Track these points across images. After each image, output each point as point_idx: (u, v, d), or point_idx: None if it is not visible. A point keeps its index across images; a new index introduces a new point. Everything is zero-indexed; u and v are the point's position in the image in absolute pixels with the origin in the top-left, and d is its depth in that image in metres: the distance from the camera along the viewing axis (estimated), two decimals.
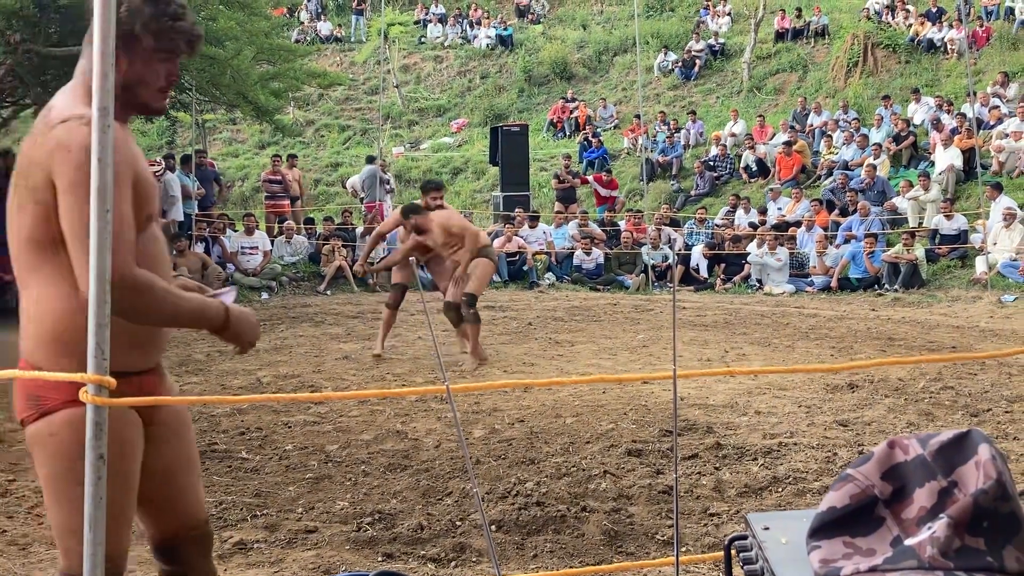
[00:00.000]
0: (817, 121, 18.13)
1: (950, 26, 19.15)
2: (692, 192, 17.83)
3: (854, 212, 14.42)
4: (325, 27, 27.03)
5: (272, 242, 15.01)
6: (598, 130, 20.81)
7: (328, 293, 14.03)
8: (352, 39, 26.97)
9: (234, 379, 7.77)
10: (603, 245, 15.25)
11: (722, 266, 14.42)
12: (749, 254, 14.06)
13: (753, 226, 15.18)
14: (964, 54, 15.89)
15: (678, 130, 19.43)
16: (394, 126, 23.98)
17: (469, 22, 26.67)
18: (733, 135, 18.70)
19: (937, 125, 15.75)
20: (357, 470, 5.14)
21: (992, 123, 15.86)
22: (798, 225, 14.69)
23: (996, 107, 16.17)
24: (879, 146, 16.24)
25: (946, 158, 14.92)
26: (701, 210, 16.35)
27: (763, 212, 15.76)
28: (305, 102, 24.39)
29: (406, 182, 20.19)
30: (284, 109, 19.57)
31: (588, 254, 14.76)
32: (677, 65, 22.51)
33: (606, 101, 22.28)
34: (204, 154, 17.41)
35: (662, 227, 15.27)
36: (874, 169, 15.33)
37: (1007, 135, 15.11)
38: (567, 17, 27.10)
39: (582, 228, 15.49)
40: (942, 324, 10.39)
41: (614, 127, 21.49)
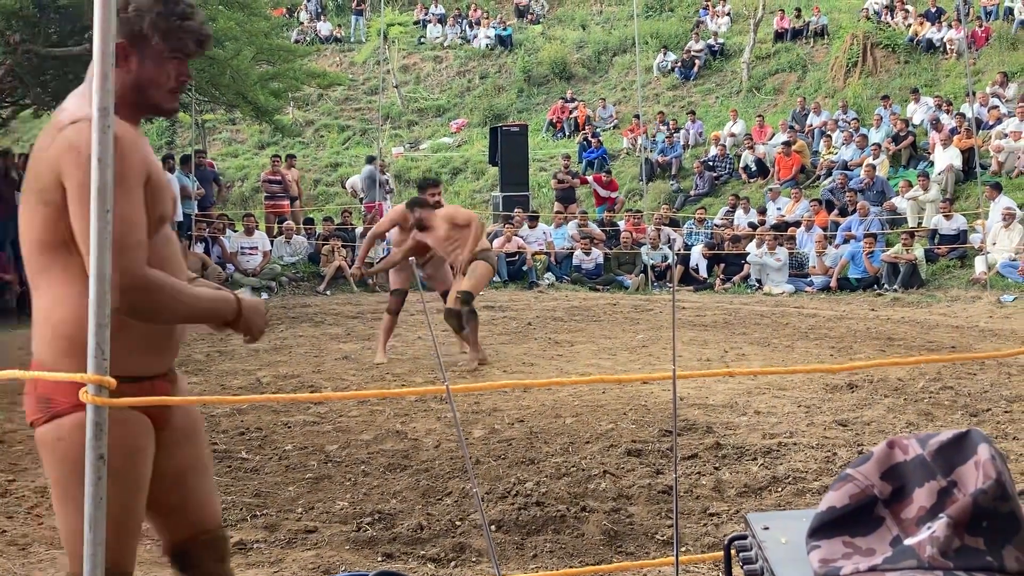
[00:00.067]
0: (816, 121, 18.12)
1: (949, 26, 19.15)
2: (691, 192, 17.82)
3: (853, 212, 14.42)
4: (325, 27, 27.02)
5: (272, 242, 15.03)
6: (597, 130, 20.79)
7: (328, 293, 14.04)
8: (352, 39, 26.95)
9: (234, 379, 7.77)
10: (602, 245, 15.25)
11: (721, 266, 14.42)
12: (748, 254, 14.06)
13: (752, 226, 15.18)
14: (963, 54, 15.88)
15: (677, 130, 19.42)
16: (394, 126, 23.96)
17: (468, 22, 26.66)
18: (732, 135, 18.69)
19: (936, 125, 15.75)
20: (357, 470, 5.14)
21: (991, 123, 15.86)
22: (797, 225, 14.69)
23: (995, 107, 16.17)
24: (878, 146, 16.24)
25: (945, 158, 14.91)
26: (700, 210, 16.35)
27: (762, 212, 15.76)
28: (305, 102, 24.38)
29: (405, 182, 20.18)
30: (284, 109, 19.56)
31: (587, 254, 14.76)
32: (676, 65, 22.49)
33: (605, 101, 22.27)
34: (204, 154, 17.43)
35: (661, 227, 15.27)
36: (873, 169, 15.33)
37: (1006, 135, 15.11)
38: (566, 17, 27.08)
39: (581, 228, 15.49)
40: (941, 324, 10.39)
41: (613, 127, 21.47)
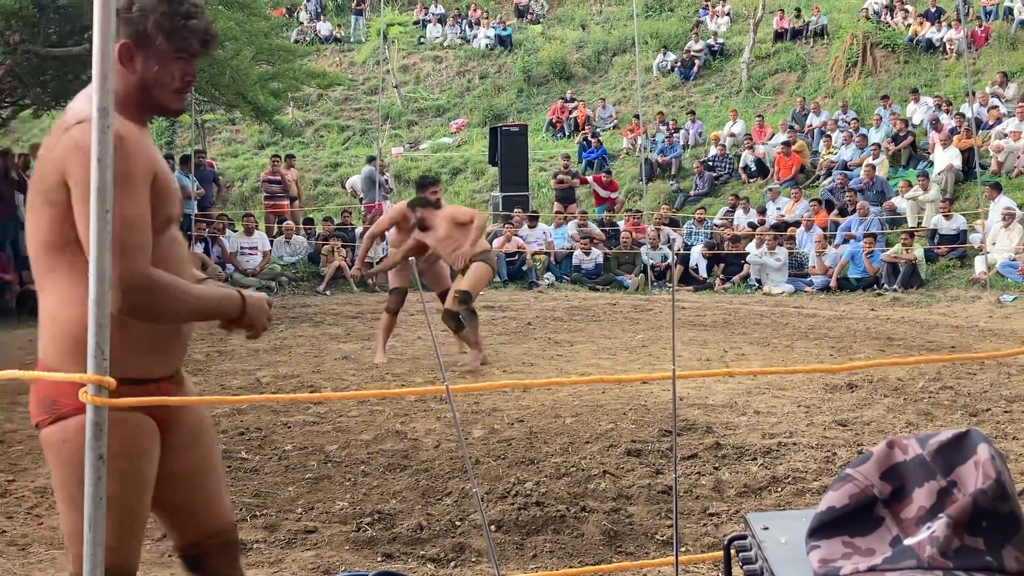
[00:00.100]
0: (816, 121, 18.12)
1: (949, 26, 19.15)
2: (691, 192, 17.82)
3: (853, 212, 14.42)
4: (324, 27, 27.02)
5: (271, 242, 15.03)
6: (597, 130, 20.79)
7: (327, 293, 14.04)
8: (351, 39, 26.95)
9: (233, 379, 7.76)
10: (602, 245, 15.25)
11: (721, 266, 14.42)
12: (748, 254, 14.06)
13: (752, 226, 15.18)
14: (963, 54, 15.89)
15: (677, 130, 19.42)
16: (393, 126, 23.96)
17: (468, 22, 26.66)
18: (732, 135, 18.69)
19: (936, 125, 15.75)
20: (356, 470, 5.14)
21: (991, 123, 15.86)
22: (797, 225, 14.69)
23: (995, 107, 16.17)
24: (878, 146, 16.24)
25: (945, 158, 14.91)
26: (700, 210, 16.34)
27: (762, 212, 15.76)
28: (304, 102, 24.38)
29: (405, 182, 20.18)
30: (283, 109, 19.56)
31: (587, 254, 14.76)
32: (676, 65, 22.49)
33: (605, 101, 22.27)
34: (203, 154, 17.43)
35: (661, 227, 15.28)
36: (873, 169, 15.33)
37: (1006, 135, 15.11)
38: (566, 17, 27.08)
39: (581, 228, 15.49)
40: (941, 324, 10.39)
41: (613, 127, 21.47)
